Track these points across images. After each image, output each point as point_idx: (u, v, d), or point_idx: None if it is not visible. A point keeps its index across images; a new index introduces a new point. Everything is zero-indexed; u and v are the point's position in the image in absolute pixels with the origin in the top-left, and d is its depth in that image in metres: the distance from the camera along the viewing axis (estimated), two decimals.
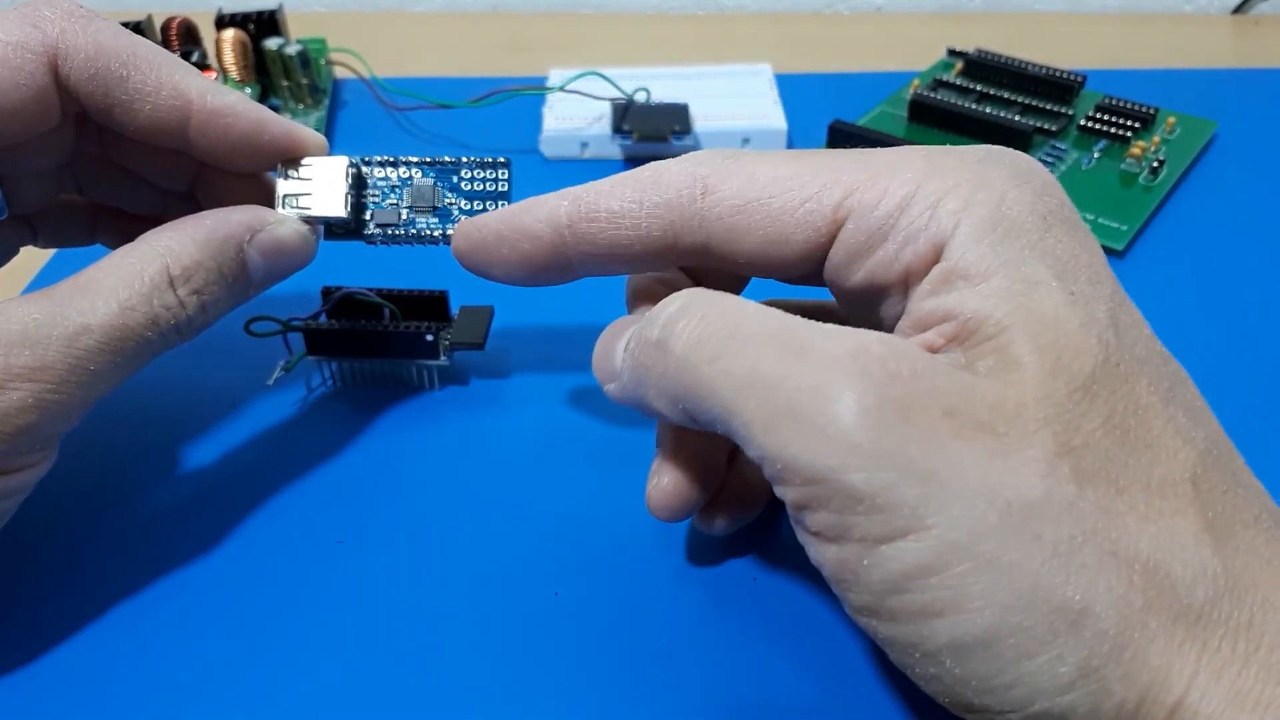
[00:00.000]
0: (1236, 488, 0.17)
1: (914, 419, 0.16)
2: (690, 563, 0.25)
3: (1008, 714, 0.16)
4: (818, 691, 0.22)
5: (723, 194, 0.21)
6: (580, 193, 0.22)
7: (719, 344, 0.18)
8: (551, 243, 0.22)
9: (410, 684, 0.23)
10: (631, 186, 0.22)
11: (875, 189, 0.20)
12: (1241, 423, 0.19)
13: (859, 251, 0.20)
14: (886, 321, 0.21)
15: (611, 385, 0.22)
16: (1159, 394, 0.17)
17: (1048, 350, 0.17)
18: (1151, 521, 0.16)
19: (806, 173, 0.20)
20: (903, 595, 0.16)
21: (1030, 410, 0.17)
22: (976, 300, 0.18)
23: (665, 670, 0.23)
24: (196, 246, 0.23)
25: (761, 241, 0.21)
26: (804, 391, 0.17)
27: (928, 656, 0.17)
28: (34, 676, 0.23)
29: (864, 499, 0.16)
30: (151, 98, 0.24)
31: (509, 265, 0.23)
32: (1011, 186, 0.19)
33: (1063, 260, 0.18)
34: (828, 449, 0.16)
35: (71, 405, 0.21)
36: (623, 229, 0.22)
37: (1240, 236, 0.37)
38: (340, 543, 0.26)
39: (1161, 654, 0.16)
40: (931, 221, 0.19)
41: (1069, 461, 0.16)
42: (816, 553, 0.18)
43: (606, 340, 0.22)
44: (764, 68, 0.47)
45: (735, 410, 0.18)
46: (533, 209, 0.23)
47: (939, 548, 0.16)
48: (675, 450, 0.23)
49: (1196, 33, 0.55)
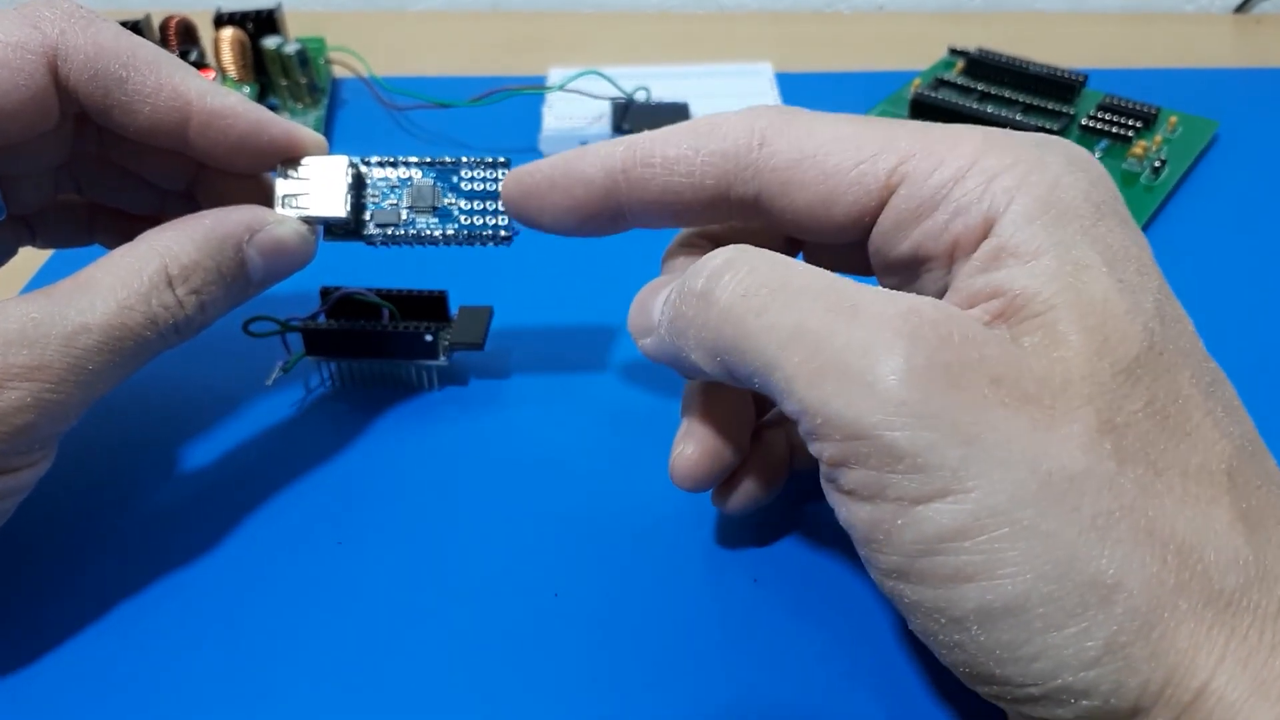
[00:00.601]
0: (1270, 485, 0.18)
1: (962, 384, 0.16)
2: (690, 563, 0.25)
3: (1029, 688, 0.16)
4: (817, 691, 0.22)
5: (779, 147, 0.21)
6: (636, 139, 0.22)
7: (767, 297, 0.18)
8: (604, 188, 0.22)
9: (410, 685, 0.23)
10: (688, 134, 0.22)
11: (931, 158, 0.20)
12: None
13: (908, 219, 0.20)
14: (930, 293, 0.21)
15: (647, 340, 0.22)
16: (1200, 387, 0.18)
17: (1095, 331, 0.17)
18: (1188, 505, 0.16)
19: (864, 135, 0.20)
20: (934, 558, 0.16)
21: (1076, 386, 0.17)
22: (1026, 278, 0.18)
23: (665, 670, 0.23)
24: (195, 246, 0.23)
25: (812, 198, 0.21)
26: (853, 348, 0.17)
27: (954, 623, 0.17)
28: (33, 677, 0.23)
29: (905, 457, 0.16)
30: (151, 99, 0.24)
31: (559, 211, 0.23)
32: (1066, 172, 0.19)
33: (1113, 249, 0.18)
34: (873, 405, 0.16)
35: (70, 404, 0.21)
36: (676, 175, 0.22)
37: (1242, 236, 0.37)
38: (339, 544, 0.26)
39: (1190, 636, 0.16)
40: (985, 195, 0.19)
41: (1111, 439, 0.16)
42: (848, 513, 0.18)
43: (644, 296, 0.22)
44: (764, 67, 0.47)
45: (778, 364, 0.18)
46: (586, 154, 0.23)
47: (977, 511, 0.16)
48: (702, 420, 0.23)
49: (1198, 32, 0.55)
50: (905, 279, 0.21)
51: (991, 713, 0.19)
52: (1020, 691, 0.17)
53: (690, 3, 0.60)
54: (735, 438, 0.24)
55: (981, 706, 0.19)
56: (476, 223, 0.27)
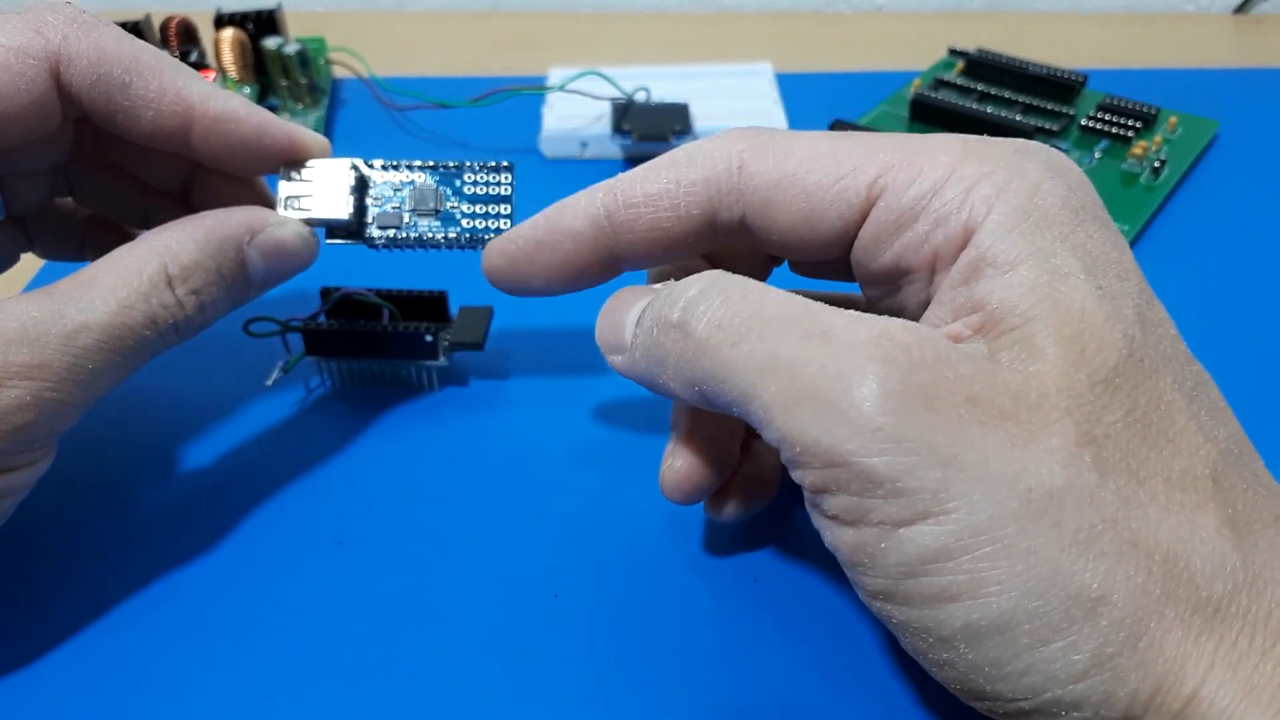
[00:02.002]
0: (1257, 487, 0.17)
1: (937, 405, 0.16)
2: (690, 564, 0.25)
3: (1019, 702, 0.16)
4: (817, 692, 0.22)
5: (758, 168, 0.21)
6: (614, 183, 0.22)
7: (741, 326, 0.18)
8: (593, 237, 0.22)
9: (409, 684, 0.23)
10: (667, 168, 0.22)
11: (910, 169, 0.20)
12: (1243, 422, 0.19)
13: (889, 231, 0.20)
14: (910, 308, 0.21)
15: (618, 358, 0.22)
16: (1182, 391, 0.18)
17: (1071, 342, 0.17)
18: (1172, 514, 0.16)
19: (843, 150, 0.20)
20: (919, 579, 0.17)
21: (1052, 400, 0.17)
22: (1003, 290, 0.18)
23: (665, 671, 0.23)
24: (196, 246, 0.23)
25: (796, 217, 0.21)
26: (826, 375, 0.17)
27: (941, 642, 0.17)
28: (32, 678, 0.23)
29: (884, 482, 0.16)
30: (154, 104, 0.24)
31: (550, 271, 0.23)
32: (1046, 178, 0.19)
33: (1093, 254, 0.18)
34: (849, 432, 0.16)
35: (69, 404, 0.21)
36: (662, 211, 0.22)
37: (1242, 236, 0.37)
38: (339, 543, 0.26)
39: (1178, 645, 0.16)
40: (964, 205, 0.19)
41: (1090, 451, 0.16)
42: (832, 537, 0.18)
43: (613, 311, 0.22)
44: (764, 67, 0.47)
45: (755, 393, 0.18)
46: (567, 208, 0.23)
47: (959, 531, 0.16)
48: (690, 433, 0.23)
49: (1198, 32, 0.55)
50: (888, 291, 0.21)
51: None
52: (1012, 706, 0.17)
53: (690, 3, 0.60)
54: (724, 450, 0.24)
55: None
56: (479, 226, 0.27)
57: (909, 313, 0.21)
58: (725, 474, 0.24)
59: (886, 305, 0.22)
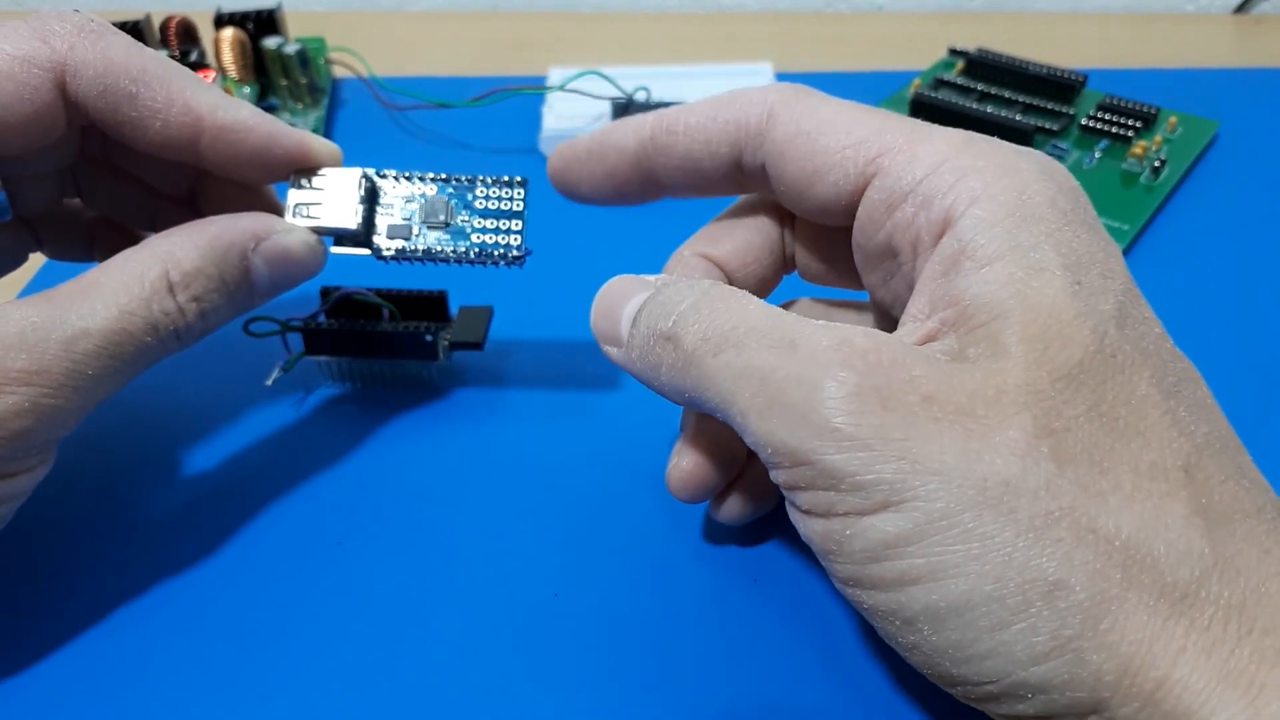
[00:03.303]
0: (1240, 479, 0.18)
1: (892, 404, 0.17)
2: (690, 564, 0.25)
3: (986, 685, 0.17)
4: (817, 692, 0.22)
5: (784, 119, 0.22)
6: (665, 110, 0.24)
7: (721, 338, 0.19)
8: (635, 154, 0.24)
9: (410, 684, 0.23)
10: (709, 105, 0.23)
11: (908, 153, 0.21)
12: (1241, 421, 0.19)
13: (881, 210, 0.21)
14: (904, 294, 0.21)
15: (614, 350, 0.22)
16: (1160, 387, 0.18)
17: (1036, 339, 0.18)
18: (1137, 502, 0.17)
19: (858, 123, 0.22)
20: (882, 563, 0.17)
21: (1010, 396, 0.17)
22: (978, 285, 0.18)
23: (665, 671, 0.23)
24: (199, 253, 0.23)
25: (799, 173, 0.22)
26: (792, 381, 0.18)
27: (907, 624, 0.18)
28: (33, 681, 0.23)
29: (845, 477, 0.17)
30: (162, 115, 0.23)
31: (596, 179, 0.25)
32: (1037, 179, 0.20)
33: (1077, 252, 0.19)
34: (811, 433, 0.17)
35: (68, 410, 0.21)
36: (696, 143, 0.23)
37: (1242, 236, 0.37)
38: (340, 543, 0.26)
39: (1142, 628, 0.16)
40: (950, 192, 0.20)
41: (1049, 443, 0.17)
42: (806, 529, 0.19)
43: (609, 300, 0.22)
44: (764, 66, 0.47)
45: (733, 400, 0.19)
46: (620, 125, 0.24)
47: (918, 518, 0.17)
48: (697, 434, 0.24)
49: (1198, 32, 0.55)
50: (884, 275, 0.22)
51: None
52: (980, 690, 0.17)
53: (690, 3, 0.60)
54: (729, 451, 0.24)
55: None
56: (489, 241, 0.26)
57: (905, 299, 0.21)
58: (730, 474, 0.24)
59: (882, 296, 0.23)
